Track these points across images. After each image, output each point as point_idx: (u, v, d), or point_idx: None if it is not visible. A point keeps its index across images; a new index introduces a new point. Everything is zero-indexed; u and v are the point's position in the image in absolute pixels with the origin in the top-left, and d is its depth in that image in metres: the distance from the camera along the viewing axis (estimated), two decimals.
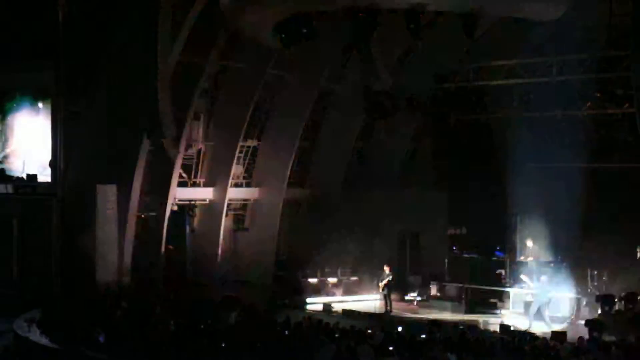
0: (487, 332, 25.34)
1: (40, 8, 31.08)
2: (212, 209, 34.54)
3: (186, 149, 33.52)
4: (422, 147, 38.64)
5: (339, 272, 32.24)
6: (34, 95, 32.94)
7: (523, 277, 28.44)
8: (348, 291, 31.87)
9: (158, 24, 27.52)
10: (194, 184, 34.63)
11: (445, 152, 35.98)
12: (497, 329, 25.25)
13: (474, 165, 33.54)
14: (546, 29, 27.85)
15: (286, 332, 22.67)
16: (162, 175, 32.71)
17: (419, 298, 30.74)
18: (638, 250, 28.65)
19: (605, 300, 26.23)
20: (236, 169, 34.98)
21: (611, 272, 28.20)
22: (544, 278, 27.35)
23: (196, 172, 34.66)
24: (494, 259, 30.47)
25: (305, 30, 25.52)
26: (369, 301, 30.20)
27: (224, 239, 34.59)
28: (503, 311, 28.76)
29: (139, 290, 29.61)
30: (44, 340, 24.47)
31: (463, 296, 29.71)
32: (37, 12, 31.17)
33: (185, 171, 34.16)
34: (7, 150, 33.80)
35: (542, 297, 26.90)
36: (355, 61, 32.20)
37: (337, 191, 36.85)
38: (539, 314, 26.68)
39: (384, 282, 29.26)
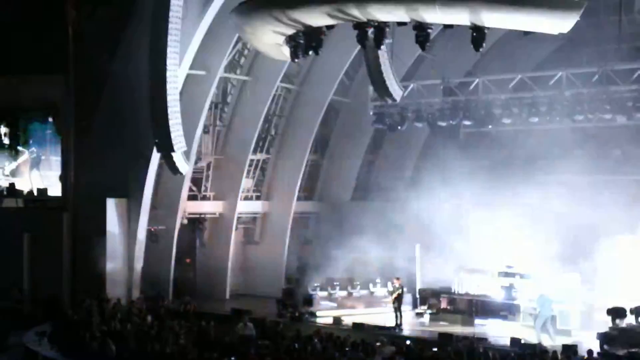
0: (497, 345, 25.28)
1: (50, 24, 31.19)
2: (221, 223, 34.59)
3: (196, 163, 33.62)
4: (431, 159, 38.62)
5: (348, 285, 32.17)
6: (44, 109, 33.05)
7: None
8: (358, 304, 31.78)
9: (167, 37, 27.56)
10: (204, 198, 34.68)
11: (455, 164, 35.92)
12: (508, 342, 25.21)
13: (483, 177, 33.48)
14: (556, 42, 27.85)
15: (296, 345, 22.66)
16: (172, 188, 32.79)
17: (429, 311, 30.63)
18: None
19: (616, 312, 26.13)
20: (246, 183, 35.05)
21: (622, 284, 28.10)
22: (545, 292, 27.29)
23: (206, 186, 34.72)
24: (505, 271, 30.38)
25: (314, 44, 25.54)
26: (380, 314, 30.12)
27: (233, 252, 34.63)
28: (513, 323, 28.62)
29: (149, 303, 29.61)
30: (54, 354, 24.51)
31: (473, 309, 29.61)
32: (47, 28, 31.29)
33: (195, 185, 34.25)
34: (17, 163, 33.78)
35: (546, 312, 26.76)
36: (364, 74, 32.29)
37: (347, 203, 36.86)
38: (544, 328, 26.55)
39: (394, 295, 29.18)
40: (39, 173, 33.69)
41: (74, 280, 31.58)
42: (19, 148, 33.58)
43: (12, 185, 33.20)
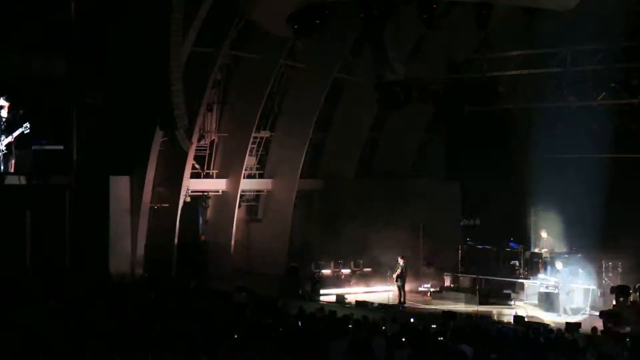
0: (500, 324, 25.28)
1: None
2: (225, 200, 34.54)
3: (199, 140, 33.55)
4: (435, 137, 38.58)
5: (352, 263, 32.17)
6: (46, 85, 32.80)
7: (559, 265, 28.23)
8: (361, 282, 31.78)
9: (171, 14, 27.42)
10: (207, 175, 34.63)
11: (459, 142, 35.88)
12: (511, 320, 25.21)
13: (488, 156, 33.43)
14: (561, 19, 27.71)
15: (299, 323, 22.63)
16: (175, 166, 32.72)
17: (432, 289, 30.64)
18: None
19: (620, 291, 26.10)
20: (249, 160, 34.98)
21: (626, 263, 28.06)
22: (559, 265, 27.22)
23: (209, 163, 34.67)
24: (508, 250, 30.38)
25: (317, 21, 25.46)
26: (383, 292, 30.12)
27: (236, 230, 34.59)
28: (517, 302, 28.64)
29: (152, 281, 29.59)
30: (57, 331, 24.48)
31: (477, 287, 29.60)
32: (49, 3, 31.10)
33: (198, 162, 34.18)
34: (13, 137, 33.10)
35: (565, 287, 26.69)
36: (368, 52, 32.16)
37: (350, 182, 36.81)
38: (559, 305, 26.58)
39: (398, 273, 29.18)
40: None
41: (76, 258, 31.53)
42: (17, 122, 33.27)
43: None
